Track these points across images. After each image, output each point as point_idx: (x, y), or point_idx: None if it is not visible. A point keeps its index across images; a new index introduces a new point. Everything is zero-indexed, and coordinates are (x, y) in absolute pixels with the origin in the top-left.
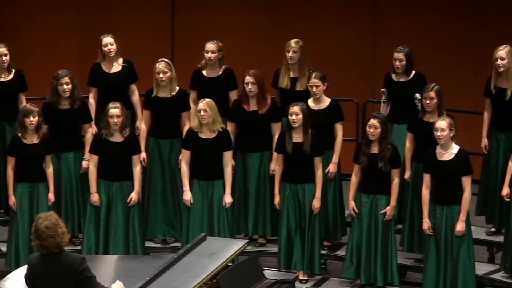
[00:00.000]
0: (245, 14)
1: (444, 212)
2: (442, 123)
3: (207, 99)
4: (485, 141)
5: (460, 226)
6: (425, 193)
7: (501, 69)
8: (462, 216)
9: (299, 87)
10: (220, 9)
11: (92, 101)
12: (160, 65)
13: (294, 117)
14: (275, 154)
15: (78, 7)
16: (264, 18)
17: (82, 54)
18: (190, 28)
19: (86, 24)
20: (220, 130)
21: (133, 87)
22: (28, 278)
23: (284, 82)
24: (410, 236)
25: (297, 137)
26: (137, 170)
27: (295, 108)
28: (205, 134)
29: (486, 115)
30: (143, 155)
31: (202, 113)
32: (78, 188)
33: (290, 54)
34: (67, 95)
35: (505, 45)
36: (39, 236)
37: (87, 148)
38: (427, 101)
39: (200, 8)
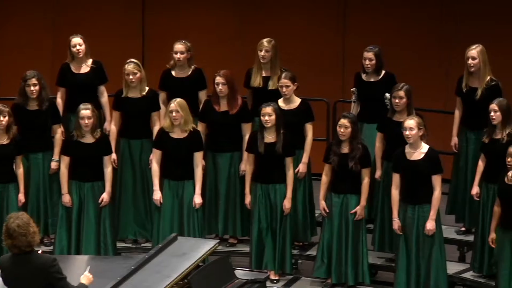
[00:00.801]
0: (215, 14)
1: (415, 212)
2: (410, 122)
3: (178, 99)
4: (455, 140)
5: (430, 225)
6: (395, 193)
7: (472, 69)
8: (432, 215)
9: (271, 86)
10: (190, 9)
11: (59, 101)
12: (130, 66)
13: (267, 117)
14: (245, 154)
15: (49, 7)
16: (234, 17)
17: (54, 54)
18: (161, 28)
19: (58, 24)
20: (191, 130)
21: (102, 88)
22: (2, 279)
23: (257, 81)
24: (381, 235)
25: (269, 137)
26: (108, 171)
27: (268, 109)
28: (176, 134)
29: (457, 114)
30: (114, 156)
31: (174, 113)
32: (46, 189)
33: (262, 53)
34: (35, 96)
35: (476, 45)
36: (11, 235)
37: (57, 149)
38: (396, 101)
39: (171, 8)
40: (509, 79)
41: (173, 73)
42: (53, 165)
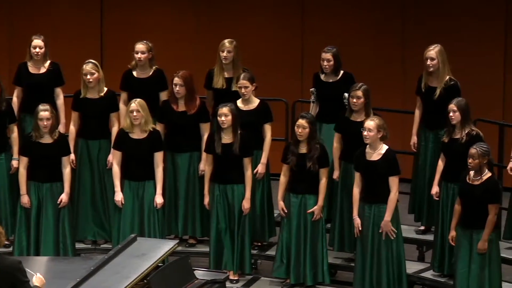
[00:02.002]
0: (174, 14)
1: (372, 211)
2: (370, 123)
3: (139, 100)
4: (414, 139)
5: (385, 225)
6: (356, 191)
7: (431, 69)
8: (387, 215)
9: (234, 87)
10: (149, 9)
11: (15, 100)
12: (88, 67)
13: (223, 118)
14: (204, 155)
15: (5, 6)
16: (193, 18)
17: (11, 54)
18: (119, 28)
19: (16, 23)
20: (151, 130)
21: (58, 90)
22: None
23: (219, 83)
24: (340, 235)
25: (226, 138)
26: (67, 172)
27: (224, 109)
28: (136, 135)
29: (417, 113)
30: (72, 156)
31: (134, 113)
32: (8, 189)
33: (224, 54)
34: None
35: (435, 45)
36: None
37: (15, 148)
38: (354, 100)
39: (129, 8)
40: (468, 79)
41: (134, 73)
42: (14, 163)
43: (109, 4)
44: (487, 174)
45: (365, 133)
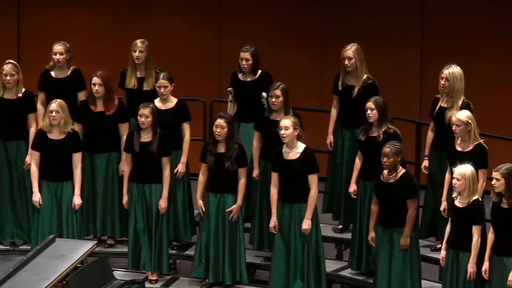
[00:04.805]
0: (90, 14)
1: (292, 211)
2: (286, 122)
3: (59, 100)
4: (330, 138)
5: (306, 225)
6: (273, 191)
7: (349, 69)
8: (308, 214)
9: (146, 87)
10: (65, 10)
11: None
12: (7, 67)
13: (143, 118)
14: (123, 154)
15: None
16: (110, 18)
17: None
18: (36, 29)
19: None
20: (70, 131)
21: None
22: None
23: (131, 83)
24: (260, 234)
25: (145, 137)
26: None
27: (146, 110)
28: (55, 135)
29: (333, 112)
30: None
31: (53, 113)
32: None
33: (136, 54)
34: None
35: (352, 44)
36: None
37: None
38: (273, 100)
39: (46, 10)
40: (385, 77)
41: (52, 74)
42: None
43: (27, 4)
44: (401, 171)
45: (282, 132)
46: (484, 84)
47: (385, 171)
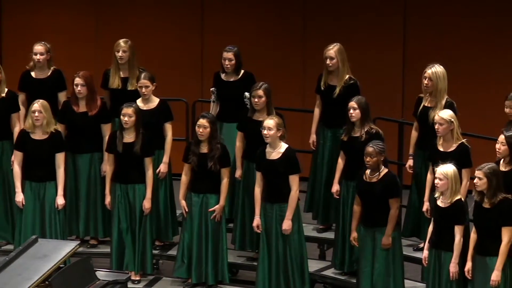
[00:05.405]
0: (72, 14)
1: (274, 210)
2: (269, 122)
3: (41, 101)
4: (313, 137)
5: (286, 225)
6: (257, 191)
7: (331, 68)
8: (289, 214)
9: (130, 87)
10: (47, 10)
11: None
12: None
13: (126, 118)
14: (106, 155)
15: None
16: (91, 18)
17: None
18: (18, 29)
19: None
20: (53, 131)
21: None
22: None
23: (115, 83)
24: (242, 234)
25: (128, 137)
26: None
27: (129, 110)
28: (38, 136)
29: (316, 112)
30: None
31: (36, 114)
32: None
33: (120, 54)
34: None
35: (334, 44)
36: None
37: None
38: (256, 100)
39: (28, 10)
40: (367, 77)
41: (32, 74)
42: None
43: (8, 4)
44: (384, 171)
45: (265, 132)
46: (466, 84)
47: (368, 171)
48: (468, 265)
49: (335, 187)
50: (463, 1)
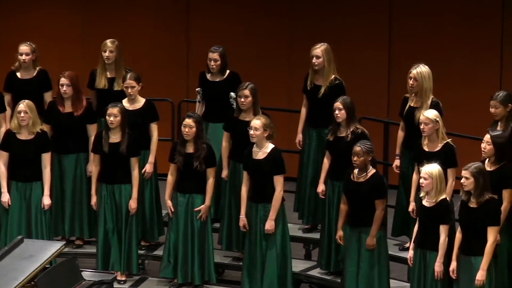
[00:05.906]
0: (58, 14)
1: (258, 211)
2: (256, 122)
3: (27, 101)
4: (299, 137)
5: (269, 225)
6: (244, 190)
7: (317, 67)
8: (272, 215)
9: (117, 87)
10: (33, 10)
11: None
12: None
13: (112, 118)
14: (91, 155)
15: None
16: (78, 18)
17: None
18: (4, 29)
19: None
20: (39, 132)
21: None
22: None
23: (102, 83)
24: (228, 234)
25: (114, 138)
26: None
27: (114, 110)
28: (24, 136)
29: (303, 111)
30: None
31: (22, 114)
32: None
33: (106, 54)
34: None
35: (321, 43)
36: None
37: None
38: (242, 100)
39: (13, 10)
40: (353, 77)
41: (18, 74)
42: None
43: None
44: (371, 171)
45: (251, 132)
46: (451, 84)
47: (355, 171)
48: (453, 264)
49: (321, 187)
50: (449, 2)
